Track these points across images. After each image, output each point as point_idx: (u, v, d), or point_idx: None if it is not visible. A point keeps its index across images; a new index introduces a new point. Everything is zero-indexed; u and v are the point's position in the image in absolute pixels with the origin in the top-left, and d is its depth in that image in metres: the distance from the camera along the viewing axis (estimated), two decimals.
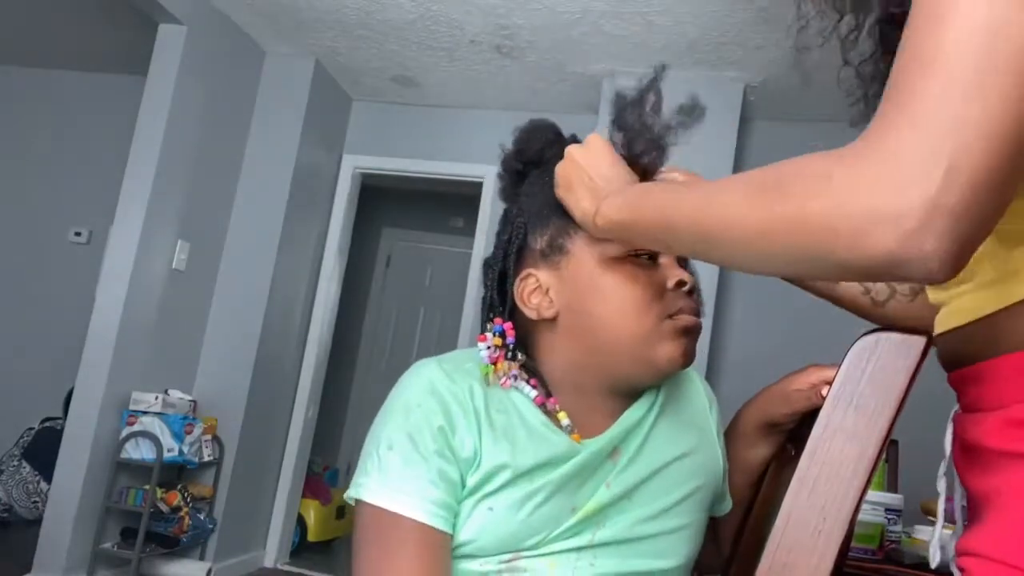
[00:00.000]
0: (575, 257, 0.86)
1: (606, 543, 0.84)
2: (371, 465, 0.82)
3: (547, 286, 0.88)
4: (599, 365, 0.86)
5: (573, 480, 0.83)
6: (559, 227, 0.87)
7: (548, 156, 0.92)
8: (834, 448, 0.59)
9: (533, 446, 0.83)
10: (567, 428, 0.86)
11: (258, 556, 3.92)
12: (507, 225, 0.93)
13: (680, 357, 0.84)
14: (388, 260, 5.83)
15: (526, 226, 0.90)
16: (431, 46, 3.59)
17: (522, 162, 0.95)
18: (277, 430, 3.98)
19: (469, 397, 0.83)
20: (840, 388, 0.59)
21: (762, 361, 2.16)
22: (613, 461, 0.87)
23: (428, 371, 0.85)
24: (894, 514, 1.68)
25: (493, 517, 0.81)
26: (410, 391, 0.84)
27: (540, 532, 0.82)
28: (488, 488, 0.81)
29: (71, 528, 3.01)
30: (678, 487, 0.89)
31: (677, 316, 0.84)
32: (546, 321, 0.88)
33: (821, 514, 0.60)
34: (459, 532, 0.82)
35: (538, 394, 0.87)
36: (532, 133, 0.96)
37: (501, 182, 0.98)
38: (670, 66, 0.93)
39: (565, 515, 0.83)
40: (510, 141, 0.97)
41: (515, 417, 0.85)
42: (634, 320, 0.83)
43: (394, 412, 0.83)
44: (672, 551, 0.88)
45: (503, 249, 0.92)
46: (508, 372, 0.87)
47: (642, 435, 0.89)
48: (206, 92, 3.46)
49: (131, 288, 3.15)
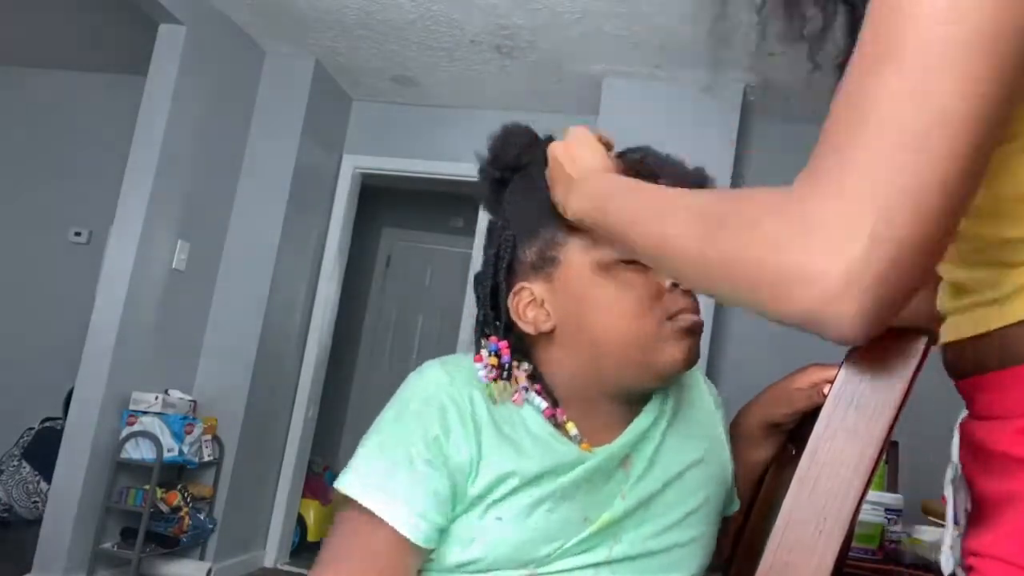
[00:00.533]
0: (567, 266, 0.84)
1: (623, 558, 0.83)
2: (360, 461, 0.81)
3: (542, 298, 0.86)
4: (602, 373, 0.84)
5: (583, 488, 0.82)
6: (547, 238, 0.85)
7: (526, 160, 0.90)
8: (834, 448, 0.59)
9: (539, 453, 0.81)
10: (576, 438, 0.85)
11: (258, 556, 3.93)
12: (494, 239, 0.90)
13: (683, 358, 0.83)
14: (388, 260, 5.83)
15: (514, 239, 0.88)
16: (431, 46, 3.59)
17: (499, 169, 0.92)
18: (277, 430, 3.98)
19: (469, 404, 0.81)
20: (841, 388, 0.59)
21: (762, 361, 2.16)
22: (625, 471, 0.85)
23: (432, 375, 0.84)
24: (894, 514, 1.68)
25: (502, 528, 0.79)
26: (411, 395, 0.83)
27: (553, 542, 0.80)
28: (494, 496, 0.79)
29: (71, 528, 3.01)
30: (693, 496, 0.88)
31: (678, 316, 0.83)
32: (545, 334, 0.86)
33: (821, 514, 0.60)
34: (470, 548, 0.80)
35: (547, 406, 0.85)
36: (506, 139, 0.93)
37: (482, 192, 0.94)
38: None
39: (577, 525, 0.81)
40: (485, 149, 0.93)
41: (520, 427, 0.83)
42: (634, 325, 0.82)
43: (393, 414, 0.83)
44: (687, 563, 0.87)
45: (492, 265, 0.89)
46: (516, 387, 0.85)
47: (654, 443, 0.87)
48: (206, 92, 3.46)
49: (131, 288, 3.15)
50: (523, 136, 0.93)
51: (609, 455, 0.84)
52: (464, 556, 0.80)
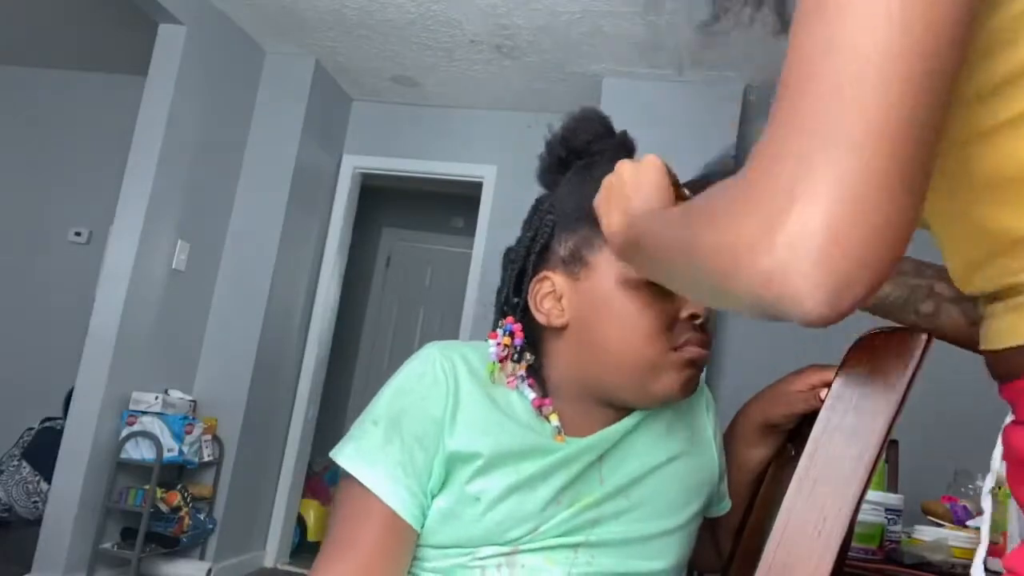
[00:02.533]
0: (596, 271, 0.84)
1: (603, 543, 0.85)
2: (357, 433, 0.85)
3: (561, 292, 0.86)
4: (599, 382, 0.85)
5: (559, 474, 0.84)
6: (586, 237, 0.85)
7: (594, 149, 0.90)
8: (834, 448, 0.59)
9: (518, 435, 0.83)
10: (555, 429, 0.86)
11: (258, 556, 3.93)
12: (535, 218, 0.91)
13: (679, 389, 0.83)
14: (388, 260, 5.83)
15: (554, 226, 0.88)
16: (431, 46, 3.59)
17: (566, 149, 0.92)
18: (277, 430, 3.98)
19: (454, 382, 0.84)
20: (840, 388, 0.59)
21: (762, 361, 2.16)
22: (600, 460, 0.87)
23: (426, 354, 0.87)
24: (894, 514, 1.68)
25: (478, 507, 0.81)
26: (406, 374, 0.86)
27: (528, 521, 0.82)
28: (469, 473, 0.82)
29: (71, 528, 3.01)
30: (673, 488, 0.89)
31: (683, 348, 0.83)
32: (555, 328, 0.87)
33: (821, 514, 0.60)
34: (448, 527, 0.82)
35: (536, 396, 0.87)
36: (581, 123, 0.92)
37: (542, 164, 0.94)
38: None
39: (554, 508, 0.83)
40: (559, 125, 0.93)
41: (504, 409, 0.85)
42: (640, 347, 0.82)
43: (388, 391, 0.86)
44: (667, 552, 0.88)
45: (526, 247, 0.90)
46: (515, 373, 0.87)
47: (632, 434, 0.88)
48: (206, 92, 3.46)
49: (131, 288, 3.15)
50: (598, 125, 0.93)
51: (581, 447, 0.85)
52: (443, 536, 0.83)
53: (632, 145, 0.93)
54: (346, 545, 0.81)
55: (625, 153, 0.90)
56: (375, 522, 0.81)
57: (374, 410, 0.85)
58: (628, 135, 0.93)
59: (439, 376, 0.84)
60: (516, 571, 0.82)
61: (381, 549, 0.80)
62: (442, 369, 0.85)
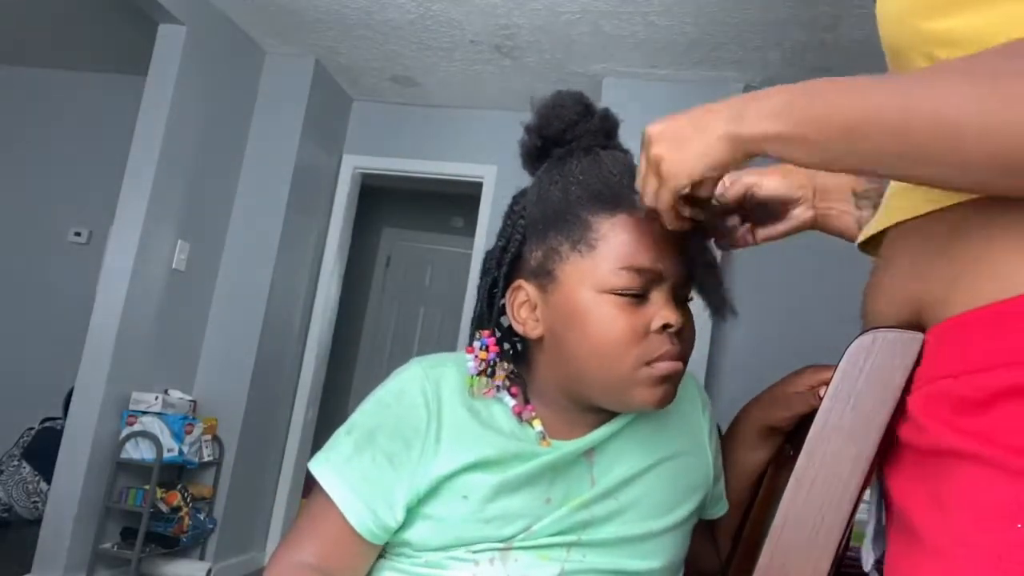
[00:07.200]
0: (563, 285, 0.82)
1: (596, 543, 0.84)
2: (331, 442, 0.87)
3: (535, 303, 0.85)
4: (578, 390, 0.85)
5: (546, 475, 0.84)
6: (552, 248, 0.83)
7: (572, 136, 0.85)
8: (832, 447, 0.59)
9: (499, 445, 0.83)
10: (539, 434, 0.86)
11: (258, 556, 3.92)
12: (507, 224, 0.89)
13: (654, 402, 0.81)
14: (388, 260, 5.83)
15: (524, 232, 0.86)
16: (431, 46, 3.59)
17: (541, 138, 0.87)
18: (277, 430, 3.98)
19: (437, 399, 0.84)
20: (837, 387, 0.59)
21: (761, 362, 2.16)
22: (589, 460, 0.86)
23: (410, 372, 0.87)
24: None
25: (467, 504, 0.82)
26: (387, 389, 0.87)
27: (520, 520, 0.82)
28: (457, 481, 0.82)
29: (71, 528, 3.01)
30: (665, 490, 0.88)
31: (655, 363, 0.79)
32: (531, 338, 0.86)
33: (819, 514, 0.60)
34: (441, 533, 0.82)
35: (516, 404, 0.87)
36: (553, 109, 0.86)
37: (521, 156, 0.91)
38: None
39: (544, 507, 0.83)
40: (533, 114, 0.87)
41: (486, 421, 0.85)
42: (611, 364, 0.79)
43: (367, 405, 0.87)
44: (661, 552, 0.87)
45: (497, 257, 0.88)
46: (490, 386, 0.86)
47: (624, 435, 0.88)
48: (206, 92, 3.46)
49: (131, 288, 3.15)
50: (571, 111, 0.86)
51: (568, 451, 0.85)
52: (438, 540, 0.83)
53: (614, 121, 0.89)
54: (305, 537, 0.84)
55: (605, 135, 0.87)
56: (332, 526, 0.83)
57: (350, 421, 0.87)
58: (610, 112, 0.88)
59: (417, 400, 0.84)
60: (509, 564, 0.82)
61: (336, 551, 0.83)
62: (422, 392, 0.84)
